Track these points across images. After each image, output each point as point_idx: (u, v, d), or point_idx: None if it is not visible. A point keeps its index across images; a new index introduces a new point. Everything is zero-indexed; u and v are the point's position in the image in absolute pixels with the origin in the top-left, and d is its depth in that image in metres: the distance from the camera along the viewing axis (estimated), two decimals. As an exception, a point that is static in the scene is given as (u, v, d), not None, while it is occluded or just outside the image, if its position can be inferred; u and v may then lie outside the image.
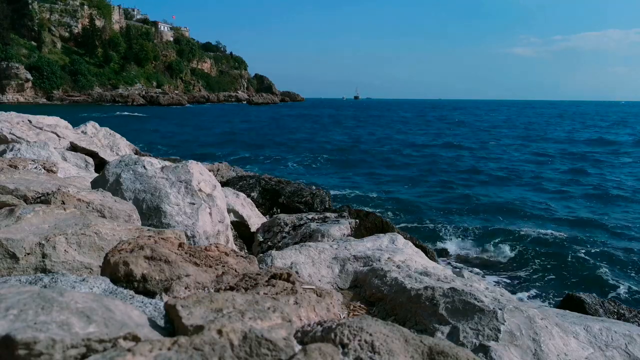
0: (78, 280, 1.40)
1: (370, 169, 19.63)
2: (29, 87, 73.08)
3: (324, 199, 7.28)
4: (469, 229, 10.46)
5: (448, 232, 10.29)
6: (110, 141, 8.17)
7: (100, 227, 1.91)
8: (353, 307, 2.38)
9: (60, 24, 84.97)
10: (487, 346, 1.86)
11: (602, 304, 4.70)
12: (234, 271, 1.64)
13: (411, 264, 2.90)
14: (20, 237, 1.72)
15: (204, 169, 3.73)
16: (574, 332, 2.08)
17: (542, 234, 10.31)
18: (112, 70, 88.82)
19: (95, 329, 0.90)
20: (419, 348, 1.04)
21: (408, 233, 7.59)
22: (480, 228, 10.59)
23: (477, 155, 24.37)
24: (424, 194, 14.58)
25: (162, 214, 3.16)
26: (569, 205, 13.31)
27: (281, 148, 26.15)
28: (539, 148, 27.95)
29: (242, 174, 9.44)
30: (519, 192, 15.15)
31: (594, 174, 18.65)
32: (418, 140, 32.27)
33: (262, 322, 1.04)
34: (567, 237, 10.17)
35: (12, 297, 0.94)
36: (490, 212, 12.24)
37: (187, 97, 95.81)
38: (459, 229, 10.48)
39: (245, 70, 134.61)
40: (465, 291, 2.11)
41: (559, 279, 7.89)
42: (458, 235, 10.10)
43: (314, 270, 2.77)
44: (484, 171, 19.07)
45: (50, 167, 3.63)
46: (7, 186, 2.52)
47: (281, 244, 4.32)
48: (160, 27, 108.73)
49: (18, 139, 5.71)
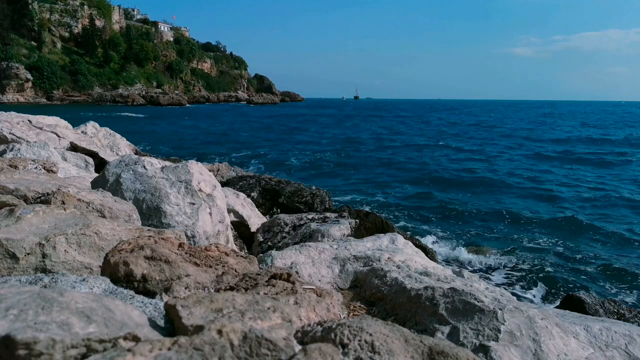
0: (78, 280, 1.40)
1: (370, 169, 19.63)
2: (29, 87, 73.09)
3: (324, 199, 7.28)
4: (469, 229, 10.46)
5: (448, 232, 10.29)
6: (110, 141, 8.17)
7: (100, 227, 1.91)
8: (353, 307, 2.38)
9: (60, 24, 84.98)
10: (487, 346, 1.86)
11: (602, 304, 4.69)
12: (234, 271, 1.64)
13: (411, 264, 2.90)
14: (20, 237, 1.72)
15: (204, 169, 3.73)
16: (574, 332, 2.08)
17: (542, 234, 10.31)
18: (112, 70, 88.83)
19: (96, 329, 0.90)
20: (419, 348, 1.04)
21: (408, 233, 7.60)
22: (480, 228, 10.60)
23: (477, 157, 24.37)
24: (423, 195, 14.58)
25: (162, 214, 3.16)
26: (569, 206, 13.31)
27: (281, 148, 26.16)
28: (539, 149, 27.95)
29: (242, 174, 9.44)
30: (519, 192, 15.15)
31: (594, 175, 18.66)
32: (418, 140, 32.28)
33: (262, 322, 1.04)
34: (567, 237, 10.17)
35: (12, 297, 0.94)
36: (491, 213, 12.24)
37: (187, 97, 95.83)
38: (459, 229, 10.49)
39: (245, 70, 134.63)
40: (465, 291, 2.11)
41: (558, 279, 7.89)
42: (458, 235, 10.10)
43: (314, 270, 2.77)
44: (484, 172, 19.07)
45: (50, 167, 3.63)
46: (7, 186, 2.52)
47: (281, 244, 4.32)
48: (160, 27, 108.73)
49: (18, 139, 5.71)
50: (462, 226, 10.75)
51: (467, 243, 9.55)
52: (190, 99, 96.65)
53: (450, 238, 9.86)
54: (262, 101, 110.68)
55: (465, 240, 9.77)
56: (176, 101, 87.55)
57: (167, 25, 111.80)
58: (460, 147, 28.28)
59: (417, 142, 30.72)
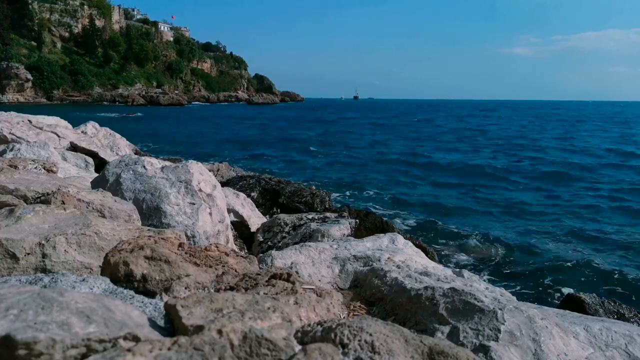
0: (78, 280, 1.40)
1: (370, 169, 19.63)
2: (29, 87, 73.07)
3: (324, 199, 7.28)
4: (469, 230, 10.45)
5: (448, 232, 10.29)
6: (110, 141, 8.17)
7: (101, 227, 1.91)
8: (353, 307, 2.38)
9: (60, 24, 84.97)
10: (487, 346, 1.86)
11: (602, 304, 4.69)
12: (234, 271, 1.64)
13: (411, 264, 2.90)
14: (20, 237, 1.72)
15: (204, 169, 3.73)
16: (574, 332, 2.08)
17: (542, 235, 10.31)
18: (112, 70, 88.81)
19: (95, 329, 0.90)
20: (419, 348, 1.04)
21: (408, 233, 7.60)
22: (480, 228, 10.59)
23: (478, 156, 24.37)
24: (423, 195, 14.58)
25: (162, 214, 3.16)
26: (569, 207, 13.31)
27: (281, 148, 26.16)
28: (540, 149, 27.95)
29: (242, 173, 9.44)
30: (519, 193, 15.15)
31: (595, 176, 18.65)
32: (418, 141, 32.27)
33: (262, 322, 1.04)
34: (567, 237, 10.17)
35: (12, 297, 0.94)
36: (491, 213, 12.24)
37: (187, 97, 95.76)
38: (459, 230, 10.48)
39: (245, 70, 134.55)
40: (465, 291, 2.11)
41: (558, 279, 7.89)
42: (458, 235, 10.10)
43: (314, 270, 2.77)
44: (484, 172, 19.07)
45: (50, 167, 3.63)
46: (7, 186, 2.52)
47: (281, 244, 4.32)
48: (161, 27, 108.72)
49: (18, 139, 5.71)
50: (463, 226, 10.74)
51: (467, 243, 9.55)
52: (190, 99, 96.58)
53: (451, 238, 9.85)
54: (262, 101, 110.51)
55: (466, 240, 9.77)
56: (176, 101, 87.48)
57: (167, 25, 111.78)
58: (460, 148, 28.28)
59: (417, 142, 30.67)
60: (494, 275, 7.97)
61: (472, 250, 9.09)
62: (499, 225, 10.97)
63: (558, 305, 5.18)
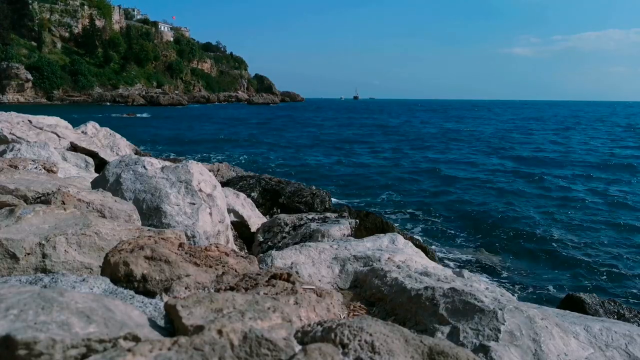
0: (78, 281, 1.40)
1: (370, 169, 19.64)
2: (29, 87, 73.09)
3: (324, 199, 7.28)
4: (469, 230, 10.46)
5: (448, 233, 10.29)
6: (111, 141, 8.17)
7: (101, 227, 1.91)
8: (353, 307, 2.38)
9: (60, 24, 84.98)
10: (487, 346, 1.86)
11: (602, 304, 4.69)
12: (234, 271, 1.64)
13: (411, 264, 2.90)
14: (21, 237, 1.72)
15: (204, 169, 3.73)
16: (574, 332, 2.08)
17: (542, 235, 10.31)
18: (112, 70, 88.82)
19: (96, 329, 0.90)
20: (419, 348, 1.04)
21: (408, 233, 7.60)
22: (480, 229, 10.59)
23: (477, 157, 24.37)
24: (423, 195, 14.58)
25: (162, 214, 3.16)
26: (569, 207, 13.31)
27: (281, 148, 26.16)
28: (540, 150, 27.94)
29: (242, 174, 9.44)
30: (519, 194, 15.15)
31: (595, 176, 18.66)
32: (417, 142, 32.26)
33: (262, 322, 1.04)
34: (567, 238, 10.17)
35: (12, 297, 0.94)
36: (491, 214, 12.24)
37: (187, 97, 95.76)
38: (459, 230, 10.48)
39: (245, 70, 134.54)
40: (465, 291, 2.11)
41: (558, 279, 7.89)
42: (458, 235, 10.10)
43: (314, 270, 2.77)
44: (484, 173, 19.07)
45: (51, 167, 3.63)
46: (7, 186, 2.52)
47: (281, 244, 4.32)
48: (161, 27, 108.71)
49: (18, 139, 5.71)
50: (463, 227, 10.74)
51: (468, 243, 9.55)
52: (190, 99, 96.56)
53: (451, 238, 9.86)
54: (262, 101, 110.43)
55: (466, 240, 9.77)
56: (176, 101, 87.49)
57: (167, 26, 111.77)
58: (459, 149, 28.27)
59: (417, 144, 30.67)
60: (494, 275, 7.97)
61: (472, 251, 9.09)
62: (499, 225, 10.97)
63: (558, 305, 5.18)
